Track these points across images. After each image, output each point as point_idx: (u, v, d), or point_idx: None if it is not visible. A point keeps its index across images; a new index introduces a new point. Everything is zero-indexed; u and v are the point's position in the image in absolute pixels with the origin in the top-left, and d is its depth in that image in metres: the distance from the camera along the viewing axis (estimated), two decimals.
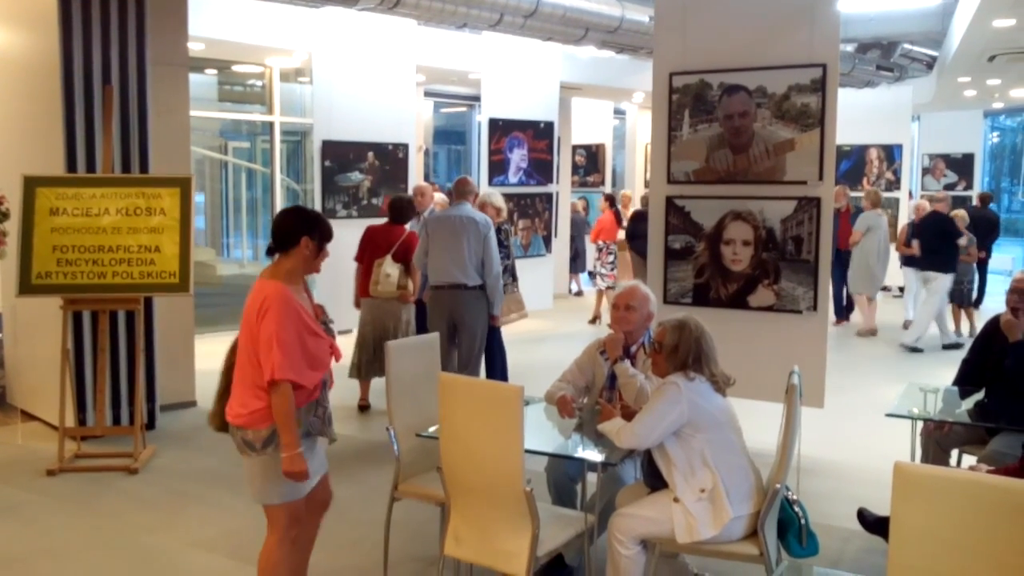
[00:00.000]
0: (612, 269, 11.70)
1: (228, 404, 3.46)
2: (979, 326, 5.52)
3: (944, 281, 10.12)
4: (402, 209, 7.29)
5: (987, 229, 12.69)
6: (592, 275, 11.87)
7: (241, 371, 3.42)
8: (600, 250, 11.77)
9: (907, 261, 11.28)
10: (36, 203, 5.98)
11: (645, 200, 12.29)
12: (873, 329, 10.83)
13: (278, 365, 3.26)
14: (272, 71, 11.11)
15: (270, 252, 3.47)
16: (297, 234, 3.41)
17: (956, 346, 10.04)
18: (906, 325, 11.29)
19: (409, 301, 7.15)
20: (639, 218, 11.87)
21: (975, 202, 14.75)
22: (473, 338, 6.61)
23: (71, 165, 6.33)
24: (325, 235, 3.49)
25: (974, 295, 11.26)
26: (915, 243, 10.50)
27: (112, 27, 6.47)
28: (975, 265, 11.31)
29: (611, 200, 12.53)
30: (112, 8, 6.46)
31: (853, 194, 13.09)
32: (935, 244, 10.21)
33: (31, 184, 6.01)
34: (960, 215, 10.76)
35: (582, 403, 4.43)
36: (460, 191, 6.82)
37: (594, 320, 11.75)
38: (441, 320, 6.56)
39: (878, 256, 10.98)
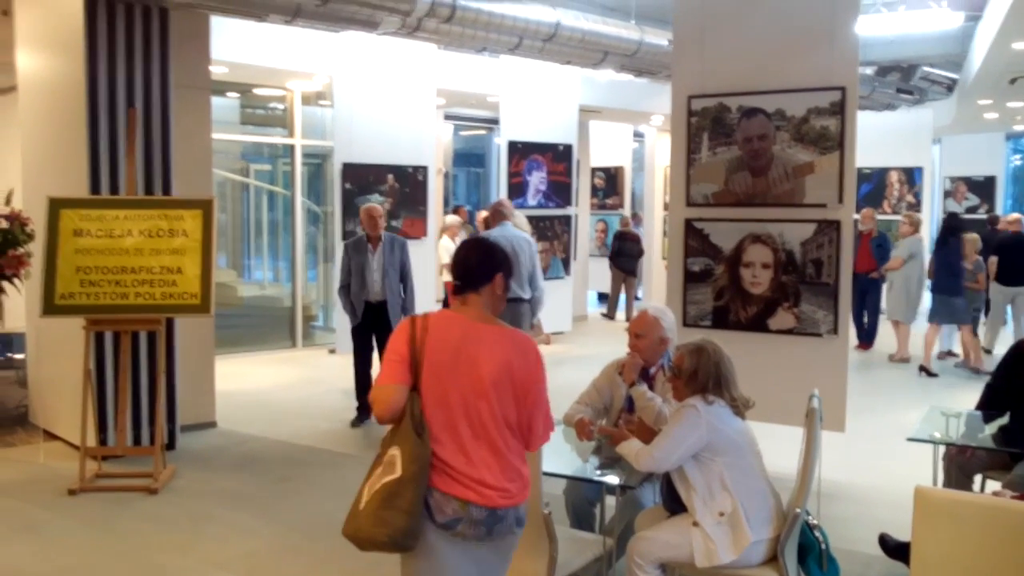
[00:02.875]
0: None
1: (482, 483, 2.83)
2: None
3: None
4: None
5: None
6: None
7: (494, 439, 2.89)
8: None
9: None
10: (60, 224, 6.06)
11: (624, 221, 14.55)
12: (906, 356, 10.65)
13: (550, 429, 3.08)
14: (293, 94, 11.24)
15: (459, 291, 3.01)
16: (493, 271, 3.00)
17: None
18: (940, 355, 11.12)
19: None
20: (620, 237, 14.23)
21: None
22: None
23: (95, 187, 6.42)
24: (509, 273, 3.11)
25: (981, 322, 11.00)
26: (993, 260, 10.54)
27: (136, 51, 6.57)
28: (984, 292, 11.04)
29: None
30: (136, 32, 6.56)
31: (878, 217, 12.93)
32: (1020, 262, 10.55)
33: (55, 206, 6.09)
34: (972, 239, 10.60)
35: (600, 425, 4.40)
36: (502, 212, 7.49)
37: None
38: None
39: (919, 283, 10.84)
